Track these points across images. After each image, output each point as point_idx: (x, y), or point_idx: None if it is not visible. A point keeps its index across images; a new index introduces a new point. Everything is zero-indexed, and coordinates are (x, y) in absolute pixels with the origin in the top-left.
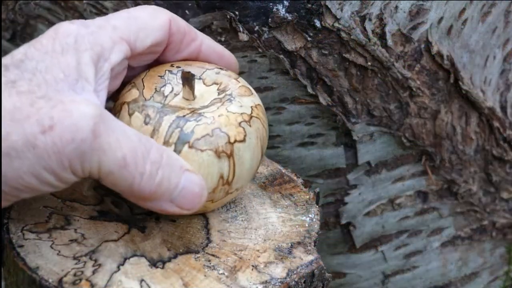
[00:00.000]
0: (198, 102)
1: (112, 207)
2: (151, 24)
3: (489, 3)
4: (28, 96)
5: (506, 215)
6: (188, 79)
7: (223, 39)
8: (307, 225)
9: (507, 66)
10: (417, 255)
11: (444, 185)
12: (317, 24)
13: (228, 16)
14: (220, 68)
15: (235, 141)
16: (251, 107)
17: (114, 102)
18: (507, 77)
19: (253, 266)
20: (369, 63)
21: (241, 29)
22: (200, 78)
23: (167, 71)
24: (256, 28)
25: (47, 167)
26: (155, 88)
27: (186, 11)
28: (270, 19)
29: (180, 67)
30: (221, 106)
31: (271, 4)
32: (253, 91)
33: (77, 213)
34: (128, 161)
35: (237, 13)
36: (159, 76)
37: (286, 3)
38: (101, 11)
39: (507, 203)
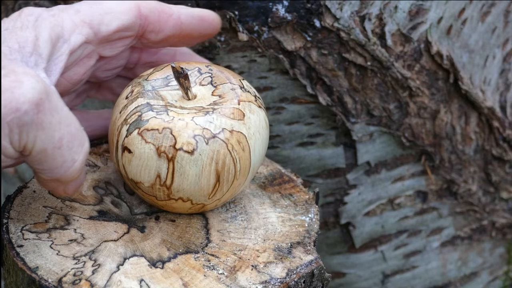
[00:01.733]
0: (188, 103)
1: (112, 207)
2: (116, 8)
3: (489, 3)
4: None
5: (505, 215)
6: (175, 74)
7: (222, 38)
8: (306, 225)
9: (507, 66)
10: (416, 255)
11: (444, 185)
12: (317, 24)
13: (228, 16)
14: (241, 88)
15: (181, 149)
16: (223, 128)
17: None
18: (507, 77)
19: (252, 266)
20: (369, 63)
21: (240, 29)
22: (215, 86)
23: (197, 67)
24: (256, 28)
25: None
26: (167, 76)
27: None
28: (269, 19)
29: (212, 70)
30: (193, 113)
31: (270, 4)
32: (247, 121)
33: (76, 213)
34: (64, 144)
35: (236, 13)
36: (184, 68)
37: (285, 3)
38: None
39: (507, 203)
